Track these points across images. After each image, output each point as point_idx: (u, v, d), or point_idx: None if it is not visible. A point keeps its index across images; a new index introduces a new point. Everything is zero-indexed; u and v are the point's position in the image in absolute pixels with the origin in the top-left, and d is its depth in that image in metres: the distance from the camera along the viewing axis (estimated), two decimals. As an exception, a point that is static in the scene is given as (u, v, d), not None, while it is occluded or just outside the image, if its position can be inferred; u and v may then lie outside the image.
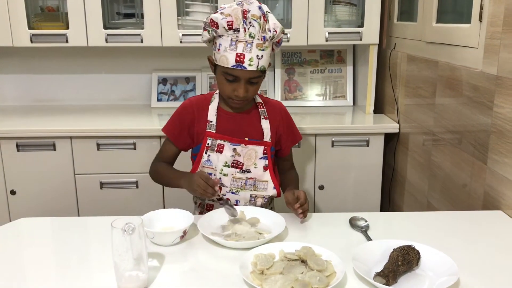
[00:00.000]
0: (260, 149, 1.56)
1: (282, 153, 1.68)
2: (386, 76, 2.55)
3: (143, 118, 2.56)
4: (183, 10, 2.46)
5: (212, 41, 1.50)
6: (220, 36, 1.44)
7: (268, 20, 1.44)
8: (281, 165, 1.72)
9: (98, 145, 2.31)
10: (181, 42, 2.43)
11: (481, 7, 1.59)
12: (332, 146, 2.39)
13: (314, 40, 2.47)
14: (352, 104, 2.81)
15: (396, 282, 1.07)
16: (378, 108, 2.65)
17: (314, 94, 2.83)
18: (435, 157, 1.97)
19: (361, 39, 2.48)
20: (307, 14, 2.44)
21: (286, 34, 1.51)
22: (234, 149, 1.54)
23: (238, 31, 1.41)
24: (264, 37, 1.43)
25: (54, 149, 2.31)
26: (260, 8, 1.44)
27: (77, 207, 2.38)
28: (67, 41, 2.42)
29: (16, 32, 2.40)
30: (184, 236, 1.27)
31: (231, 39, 1.42)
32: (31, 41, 2.41)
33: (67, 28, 2.42)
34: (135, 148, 2.33)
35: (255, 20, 1.41)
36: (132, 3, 2.60)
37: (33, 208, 2.35)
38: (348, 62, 2.82)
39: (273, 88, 2.82)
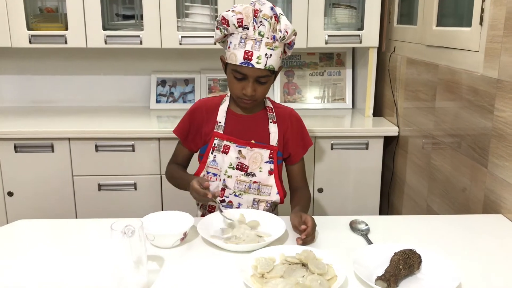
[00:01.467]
0: (266, 153, 1.56)
1: (291, 160, 1.65)
2: (385, 79, 2.55)
3: (142, 120, 2.55)
4: (182, 12, 2.45)
5: (225, 41, 1.51)
6: (231, 34, 1.46)
7: (280, 21, 1.45)
8: (293, 180, 1.67)
9: (96, 146, 2.30)
10: (180, 44, 2.42)
11: (482, 11, 1.59)
12: (332, 149, 2.38)
13: (314, 42, 2.47)
14: (351, 107, 2.81)
15: (397, 286, 1.06)
16: (378, 111, 2.64)
17: (313, 97, 2.83)
18: (435, 160, 1.96)
19: (360, 42, 2.48)
20: (307, 17, 2.44)
21: (296, 34, 1.50)
22: (240, 151, 1.54)
23: (248, 28, 1.42)
24: (274, 36, 1.44)
25: (52, 151, 2.30)
26: (272, 9, 1.45)
27: (75, 209, 2.37)
28: (66, 42, 2.41)
29: (15, 33, 2.39)
30: (184, 238, 1.26)
31: (241, 37, 1.43)
32: (30, 42, 2.40)
33: (66, 29, 2.41)
34: (133, 150, 2.32)
35: (265, 20, 1.42)
36: (132, 5, 2.59)
37: (30, 210, 2.34)
38: (348, 65, 2.82)
39: (273, 90, 2.82)
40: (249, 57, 1.42)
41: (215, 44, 2.42)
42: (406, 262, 1.10)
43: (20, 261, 1.19)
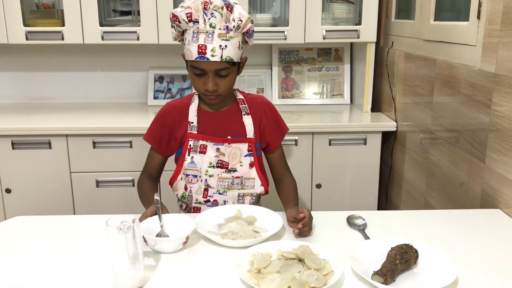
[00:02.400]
0: (244, 147, 1.53)
1: (269, 149, 1.62)
2: (383, 74, 2.54)
3: (139, 116, 2.54)
4: (179, 8, 2.44)
5: (182, 38, 1.48)
6: (185, 30, 1.43)
7: (233, 11, 1.40)
8: (275, 168, 1.64)
9: (94, 143, 2.30)
10: (177, 39, 2.41)
11: (480, 5, 1.58)
12: (329, 144, 2.38)
13: (311, 38, 2.46)
14: (349, 103, 2.81)
15: (394, 281, 1.06)
16: (376, 107, 2.64)
17: (311, 92, 2.82)
18: (433, 155, 1.96)
19: (358, 37, 2.48)
20: (304, 12, 2.43)
21: (253, 22, 1.47)
22: (218, 149, 1.51)
23: (198, 22, 1.39)
24: (227, 27, 1.39)
25: (50, 147, 2.29)
26: None
27: (73, 205, 2.37)
28: (62, 39, 2.41)
29: (12, 29, 2.38)
30: (186, 242, 1.22)
31: (193, 31, 1.40)
32: (27, 38, 2.40)
33: (63, 25, 2.40)
34: (131, 146, 2.31)
35: (216, 11, 1.38)
36: (129, 0, 2.58)
37: (28, 207, 2.34)
38: (346, 60, 2.81)
39: (270, 86, 2.81)
40: (203, 50, 1.38)
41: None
42: (403, 257, 1.09)
43: (18, 257, 1.18)
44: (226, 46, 1.39)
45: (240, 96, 1.58)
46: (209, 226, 1.33)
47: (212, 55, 1.38)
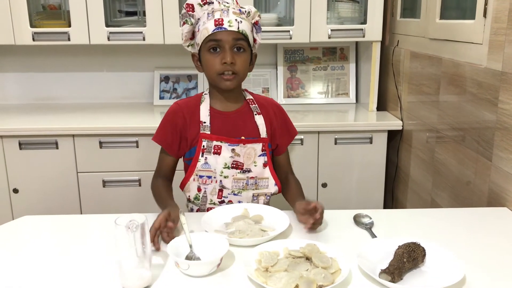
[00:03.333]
0: (258, 147, 1.52)
1: (278, 151, 1.62)
2: (389, 73, 2.54)
3: (145, 116, 2.55)
4: (185, 8, 2.45)
5: (193, 44, 1.51)
6: (197, 19, 1.48)
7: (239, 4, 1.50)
8: (280, 169, 1.63)
9: (100, 143, 2.31)
10: (183, 39, 2.42)
11: (486, 3, 1.57)
12: (335, 143, 2.38)
13: (317, 37, 2.46)
14: (355, 102, 2.80)
15: (401, 279, 1.06)
16: (381, 106, 2.64)
17: (316, 92, 2.82)
18: (439, 154, 1.96)
19: (364, 36, 2.47)
20: (310, 11, 2.43)
21: (260, 17, 1.52)
22: (233, 150, 1.49)
23: (213, 3, 1.46)
24: (240, 9, 1.47)
25: (57, 148, 2.30)
26: None
27: (80, 205, 2.38)
28: (69, 39, 2.42)
29: (18, 30, 2.39)
30: (220, 264, 1.11)
31: (207, 13, 1.45)
32: (33, 39, 2.41)
33: (69, 26, 2.41)
34: (137, 146, 2.32)
35: None
36: (134, 1, 2.59)
37: (35, 206, 2.35)
38: (351, 59, 2.81)
39: (276, 85, 2.82)
40: (220, 22, 1.42)
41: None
42: (410, 255, 1.09)
43: (26, 256, 1.19)
44: (241, 21, 1.45)
45: (249, 96, 1.59)
46: (216, 225, 1.34)
47: (230, 25, 1.42)
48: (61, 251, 1.23)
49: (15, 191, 2.34)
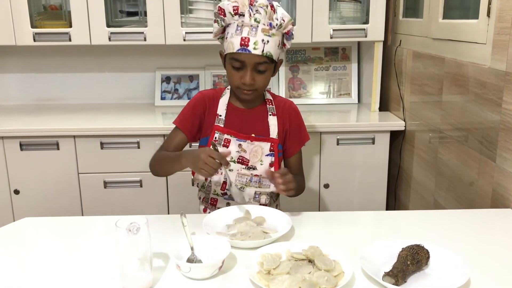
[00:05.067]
0: (266, 146, 1.55)
1: (287, 154, 1.65)
2: (391, 73, 2.52)
3: (146, 116, 2.54)
4: (186, 8, 2.44)
5: (223, 37, 1.51)
6: (228, 25, 1.47)
7: (276, 11, 1.45)
8: (288, 169, 1.63)
9: (101, 144, 2.30)
10: (184, 40, 2.41)
11: (489, 2, 1.56)
12: (337, 144, 2.37)
13: (319, 37, 2.45)
14: (357, 102, 2.79)
15: (405, 282, 1.05)
16: (384, 106, 2.62)
17: (318, 92, 2.81)
18: (442, 154, 1.94)
19: (366, 36, 2.46)
20: (312, 11, 2.42)
21: (294, 24, 1.50)
22: (240, 145, 1.53)
23: (244, 15, 1.43)
24: (270, 24, 1.43)
25: (58, 148, 2.30)
26: None
27: (81, 206, 2.37)
28: (70, 40, 2.41)
29: (19, 30, 2.39)
30: (222, 266, 1.10)
31: (237, 25, 1.44)
32: (34, 40, 2.40)
33: (70, 26, 2.41)
34: (139, 147, 2.31)
35: (261, 8, 1.43)
36: (135, 1, 2.58)
37: (36, 208, 2.34)
38: (353, 60, 2.80)
39: (277, 86, 2.80)
40: (246, 43, 1.41)
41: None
42: (414, 257, 1.08)
43: (26, 258, 1.18)
44: (268, 41, 1.43)
45: (269, 97, 1.62)
46: (218, 227, 1.33)
47: (254, 48, 1.42)
48: (62, 253, 1.22)
49: (16, 192, 2.33)
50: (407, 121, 2.34)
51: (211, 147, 1.40)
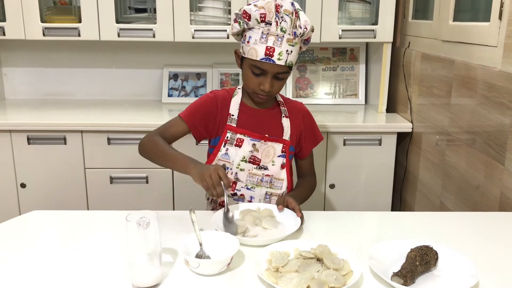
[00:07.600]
0: (279, 147, 1.55)
1: (301, 155, 1.66)
2: (399, 75, 2.52)
3: (153, 113, 2.55)
4: (195, 5, 2.44)
5: (241, 34, 1.49)
6: (250, 28, 1.44)
7: (299, 17, 1.43)
8: (301, 170, 1.70)
9: (108, 139, 2.30)
10: (193, 37, 2.42)
11: (501, 5, 1.56)
12: (344, 144, 2.37)
13: (327, 37, 2.45)
14: (364, 103, 2.79)
15: (414, 282, 1.05)
16: (391, 107, 2.62)
17: (325, 92, 2.81)
18: (449, 157, 1.94)
19: (374, 37, 2.46)
20: (321, 11, 2.41)
21: (313, 31, 1.50)
22: (254, 145, 1.53)
23: (270, 24, 1.41)
24: (295, 33, 1.42)
25: (65, 143, 2.30)
26: (292, 4, 1.44)
27: (87, 201, 2.38)
28: (79, 35, 2.42)
29: (29, 25, 2.39)
30: (230, 263, 1.10)
31: (262, 32, 1.42)
32: (44, 35, 2.41)
33: (80, 21, 2.41)
34: (145, 143, 2.31)
35: (287, 15, 1.41)
36: (145, -2, 2.59)
37: (42, 202, 2.35)
38: (361, 60, 2.79)
39: (284, 85, 2.80)
40: (271, 53, 1.40)
41: (227, 38, 2.41)
42: (423, 258, 1.08)
43: (33, 251, 1.19)
44: (291, 51, 1.43)
45: (280, 99, 1.62)
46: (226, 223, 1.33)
47: (279, 59, 1.41)
48: (70, 246, 1.22)
49: (23, 185, 2.34)
50: (415, 123, 2.34)
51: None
